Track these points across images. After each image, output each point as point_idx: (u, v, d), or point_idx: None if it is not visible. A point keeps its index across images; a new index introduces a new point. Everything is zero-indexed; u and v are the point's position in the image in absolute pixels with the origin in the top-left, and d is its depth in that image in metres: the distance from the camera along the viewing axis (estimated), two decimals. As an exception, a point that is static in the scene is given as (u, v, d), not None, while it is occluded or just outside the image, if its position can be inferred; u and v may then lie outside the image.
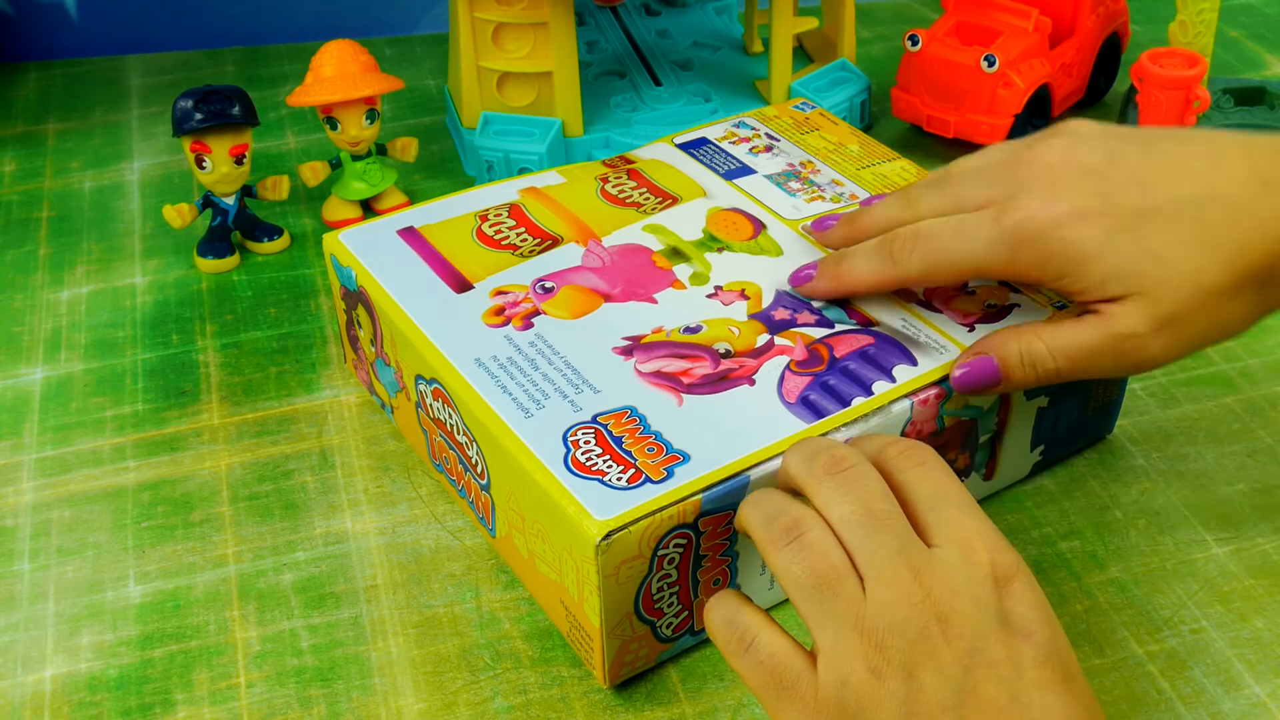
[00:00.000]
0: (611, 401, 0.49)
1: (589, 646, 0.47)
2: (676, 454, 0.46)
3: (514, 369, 0.50)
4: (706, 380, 0.50)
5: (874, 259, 0.51)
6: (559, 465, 0.46)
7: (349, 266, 0.57)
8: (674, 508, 0.44)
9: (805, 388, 0.49)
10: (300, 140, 0.83)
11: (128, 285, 0.70)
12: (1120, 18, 0.82)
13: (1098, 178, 0.46)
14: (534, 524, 0.47)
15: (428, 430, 0.55)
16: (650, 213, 0.59)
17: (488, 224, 0.58)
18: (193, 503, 0.57)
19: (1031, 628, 0.38)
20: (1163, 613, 0.50)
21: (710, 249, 0.57)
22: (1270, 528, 0.54)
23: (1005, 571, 0.39)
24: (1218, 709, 0.47)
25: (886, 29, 0.94)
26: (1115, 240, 0.45)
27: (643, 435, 0.47)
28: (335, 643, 0.50)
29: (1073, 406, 0.55)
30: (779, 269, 0.56)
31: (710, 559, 0.47)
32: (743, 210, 0.59)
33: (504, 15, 0.72)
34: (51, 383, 0.64)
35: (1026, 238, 0.46)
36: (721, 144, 0.65)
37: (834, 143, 0.65)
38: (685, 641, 0.49)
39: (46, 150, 0.83)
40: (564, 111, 0.75)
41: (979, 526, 0.40)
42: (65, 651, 0.50)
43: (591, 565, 0.44)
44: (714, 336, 0.52)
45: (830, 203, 0.60)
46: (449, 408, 0.51)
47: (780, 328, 0.52)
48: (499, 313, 0.53)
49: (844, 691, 0.37)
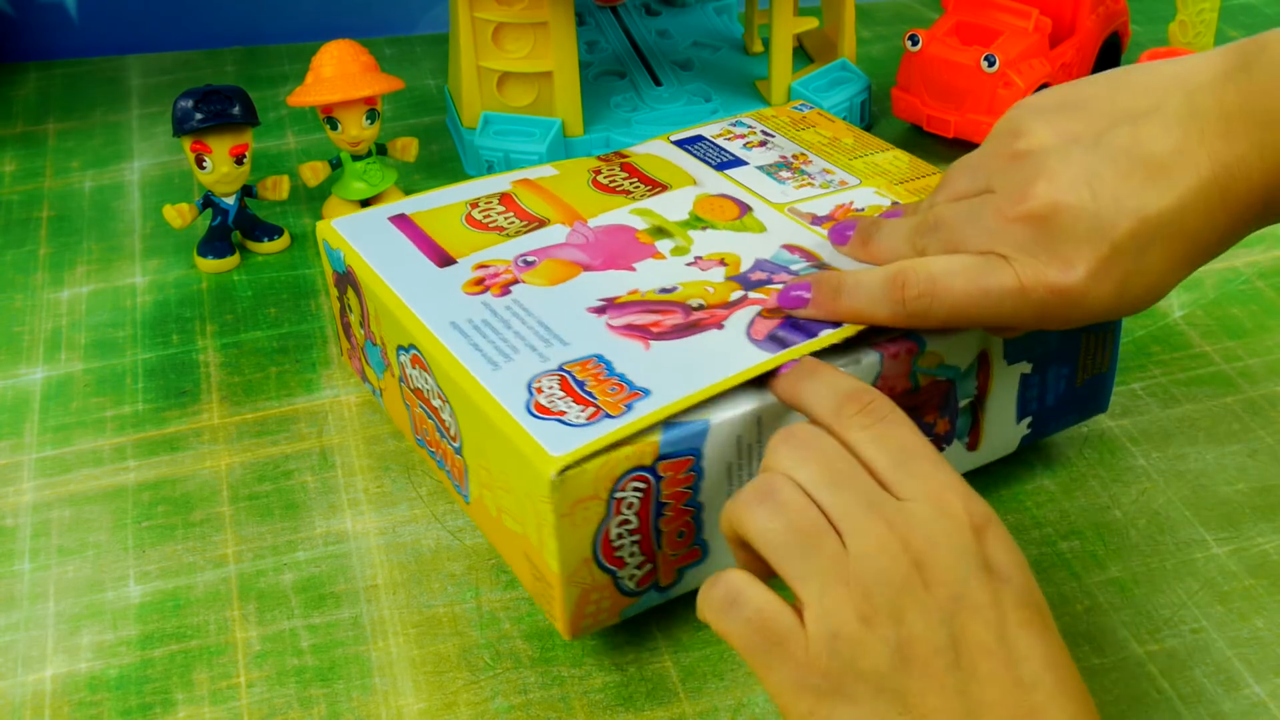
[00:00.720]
0: (579, 352, 0.49)
1: (549, 596, 0.47)
2: (637, 390, 0.46)
3: (487, 329, 0.50)
4: (676, 329, 0.50)
5: (883, 302, 0.48)
6: (520, 410, 0.46)
7: (338, 249, 0.57)
8: (630, 448, 0.44)
9: (774, 328, 0.49)
10: (300, 140, 0.83)
11: (128, 285, 0.70)
12: (1120, 17, 0.82)
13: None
14: (499, 475, 0.47)
15: (409, 404, 0.55)
16: (640, 199, 0.59)
17: (478, 210, 0.59)
18: (193, 502, 0.57)
19: (1009, 571, 0.38)
20: (1163, 613, 0.50)
21: (694, 227, 0.57)
22: (1270, 528, 0.54)
23: (980, 520, 0.39)
24: (1218, 709, 0.47)
25: (886, 29, 0.94)
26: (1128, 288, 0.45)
27: (606, 378, 0.47)
28: (335, 642, 0.50)
29: (1059, 376, 0.54)
30: (761, 242, 0.55)
31: (672, 508, 0.46)
32: (730, 195, 0.59)
33: (504, 15, 0.72)
34: (52, 383, 0.64)
35: (1055, 303, 0.46)
36: (716, 140, 0.65)
37: (829, 137, 0.65)
38: (651, 598, 0.48)
39: (47, 150, 0.83)
40: (564, 111, 0.75)
41: (948, 479, 0.40)
42: (65, 651, 0.50)
43: (547, 504, 0.44)
44: (688, 295, 0.52)
45: (819, 188, 0.60)
46: (425, 372, 0.51)
47: (755, 285, 0.52)
48: (479, 283, 0.53)
49: (836, 642, 0.37)
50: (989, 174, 0.48)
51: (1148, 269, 0.45)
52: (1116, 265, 0.44)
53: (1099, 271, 0.44)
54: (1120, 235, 0.44)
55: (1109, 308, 0.45)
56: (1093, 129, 0.46)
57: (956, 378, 0.51)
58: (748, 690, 0.48)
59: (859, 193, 0.59)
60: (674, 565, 0.48)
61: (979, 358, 0.51)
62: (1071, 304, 0.45)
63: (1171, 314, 0.66)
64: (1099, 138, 0.45)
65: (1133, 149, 0.44)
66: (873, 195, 0.59)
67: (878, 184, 0.60)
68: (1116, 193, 0.44)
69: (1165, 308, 0.66)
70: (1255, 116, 0.43)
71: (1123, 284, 0.45)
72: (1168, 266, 0.45)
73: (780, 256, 0.54)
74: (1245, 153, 0.43)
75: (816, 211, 0.58)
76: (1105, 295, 0.45)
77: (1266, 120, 0.43)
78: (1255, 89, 0.43)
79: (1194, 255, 0.45)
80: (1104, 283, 0.45)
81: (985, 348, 0.51)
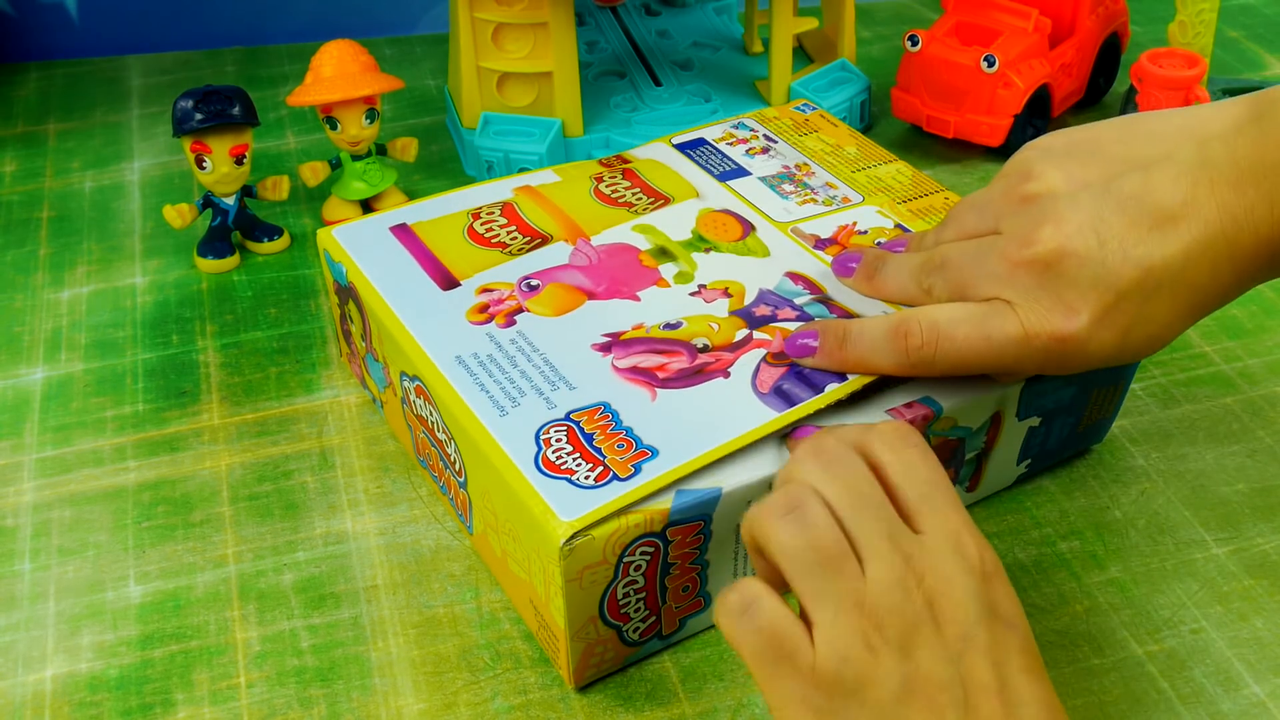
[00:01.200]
0: (586, 398, 0.49)
1: (555, 647, 0.47)
2: (645, 449, 0.46)
3: (493, 366, 0.50)
4: (682, 374, 0.50)
5: (887, 352, 0.48)
6: (529, 465, 0.46)
7: (340, 262, 0.57)
8: (639, 514, 0.44)
9: (779, 378, 0.49)
10: (300, 140, 0.83)
11: (128, 285, 0.70)
12: (1120, 18, 0.82)
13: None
14: (505, 523, 0.47)
15: (412, 427, 0.55)
16: (642, 213, 0.59)
17: (479, 222, 0.58)
18: (193, 503, 0.57)
19: (1014, 619, 0.39)
20: (1162, 613, 0.50)
21: (698, 249, 0.57)
22: (1270, 528, 0.54)
23: (991, 568, 0.39)
24: (1218, 709, 0.47)
25: (886, 29, 0.94)
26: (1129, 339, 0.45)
27: (614, 431, 0.47)
28: (335, 643, 0.50)
29: (1064, 425, 0.55)
30: (764, 269, 0.55)
31: (679, 567, 0.46)
32: (733, 212, 0.59)
33: (504, 15, 0.72)
34: (52, 383, 0.64)
35: (1057, 350, 0.46)
36: (719, 145, 0.65)
37: (832, 145, 0.65)
38: (653, 645, 0.49)
39: (47, 150, 0.83)
40: (564, 112, 0.75)
41: (964, 520, 0.40)
42: (66, 651, 0.50)
43: (556, 567, 0.44)
44: (692, 332, 0.52)
45: (822, 204, 0.60)
46: (429, 405, 0.51)
47: (760, 323, 0.52)
48: (483, 310, 0.53)
49: (844, 667, 0.37)
50: (997, 214, 0.48)
51: (1152, 318, 0.45)
52: (1121, 313, 0.44)
53: (1103, 319, 0.44)
54: (1125, 284, 0.44)
55: (1110, 355, 0.46)
56: (1103, 175, 0.45)
57: (967, 435, 0.51)
58: (747, 691, 0.48)
59: (862, 212, 0.59)
60: (678, 615, 0.48)
61: (991, 417, 0.51)
62: (1073, 351, 0.45)
63: (1171, 314, 0.66)
64: (1108, 184, 0.45)
65: (1142, 196, 0.44)
66: (875, 215, 0.59)
67: (880, 202, 0.60)
68: (1124, 241, 0.44)
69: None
70: (1266, 169, 0.43)
71: (1126, 332, 0.45)
72: (1172, 316, 0.45)
73: (784, 287, 0.54)
74: (1255, 204, 0.43)
75: (820, 233, 0.58)
76: (1108, 343, 0.45)
77: (1277, 173, 0.43)
78: (1267, 141, 0.43)
79: (1199, 306, 0.45)
80: (1107, 330, 0.45)
81: (1000, 409, 0.51)
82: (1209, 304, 0.45)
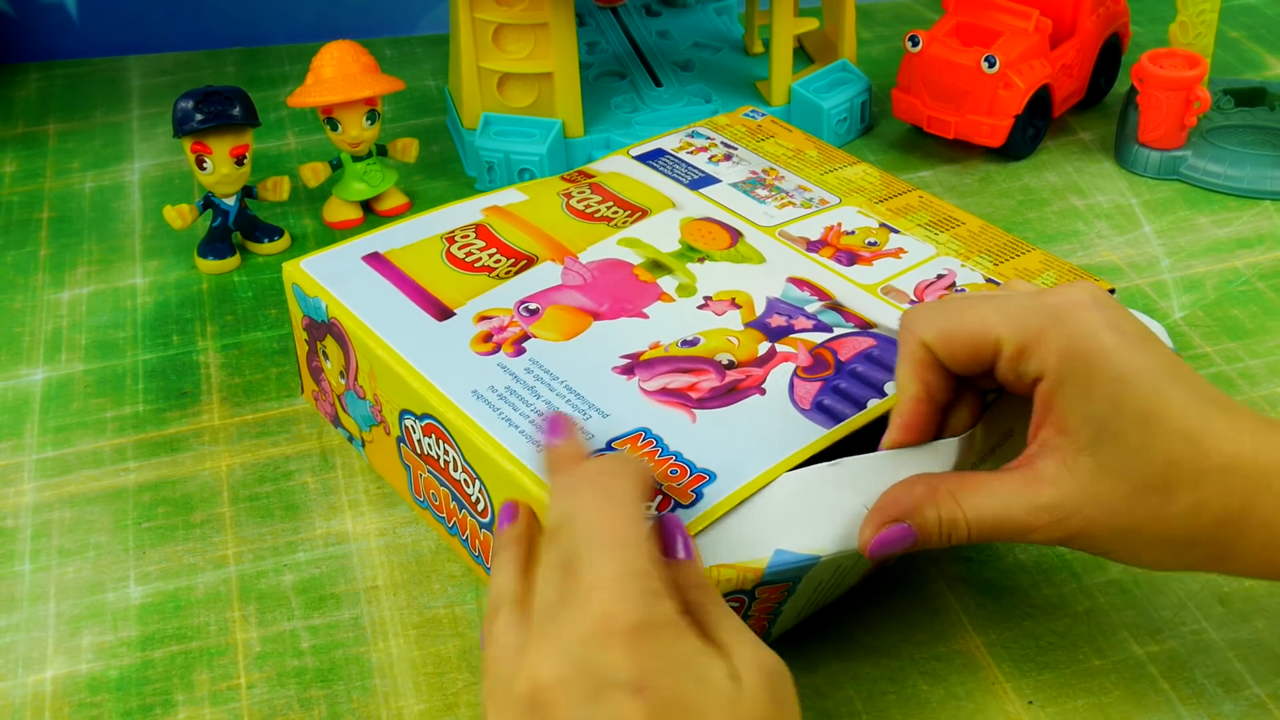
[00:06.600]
0: (623, 425, 0.47)
1: None
2: (701, 473, 0.45)
3: (514, 398, 0.48)
4: (715, 393, 0.49)
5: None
6: None
7: (316, 297, 0.54)
8: (732, 570, 0.43)
9: (817, 393, 0.48)
10: (301, 141, 0.83)
11: (128, 286, 0.70)
12: (1121, 18, 0.82)
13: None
14: None
15: (412, 465, 0.53)
16: (621, 226, 0.58)
17: (456, 246, 0.57)
18: (193, 503, 0.57)
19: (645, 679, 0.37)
20: (1163, 613, 0.50)
21: (691, 259, 0.56)
22: (1270, 528, 0.54)
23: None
24: (1218, 709, 0.47)
25: (887, 29, 0.94)
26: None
27: (663, 458, 0.46)
28: (336, 643, 0.50)
29: None
30: (765, 276, 0.55)
31: (756, 619, 0.45)
32: (715, 219, 0.59)
33: (504, 16, 0.72)
34: (52, 383, 0.64)
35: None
36: (679, 154, 0.64)
37: (791, 149, 0.64)
38: None
39: (47, 151, 0.83)
40: (564, 112, 0.75)
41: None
42: (66, 652, 0.50)
43: None
44: (713, 348, 0.51)
45: (801, 207, 0.59)
46: (445, 444, 0.49)
47: (778, 335, 0.51)
48: (486, 339, 0.51)
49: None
50: None
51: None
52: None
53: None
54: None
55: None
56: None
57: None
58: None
59: (843, 212, 0.59)
60: None
61: (1004, 433, 0.49)
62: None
63: (1172, 315, 0.65)
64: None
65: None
66: (857, 215, 0.59)
67: (858, 202, 0.60)
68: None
69: (1166, 309, 0.66)
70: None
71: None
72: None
73: (790, 294, 0.54)
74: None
75: (808, 235, 0.57)
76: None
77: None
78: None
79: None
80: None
81: (1012, 426, 0.49)
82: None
